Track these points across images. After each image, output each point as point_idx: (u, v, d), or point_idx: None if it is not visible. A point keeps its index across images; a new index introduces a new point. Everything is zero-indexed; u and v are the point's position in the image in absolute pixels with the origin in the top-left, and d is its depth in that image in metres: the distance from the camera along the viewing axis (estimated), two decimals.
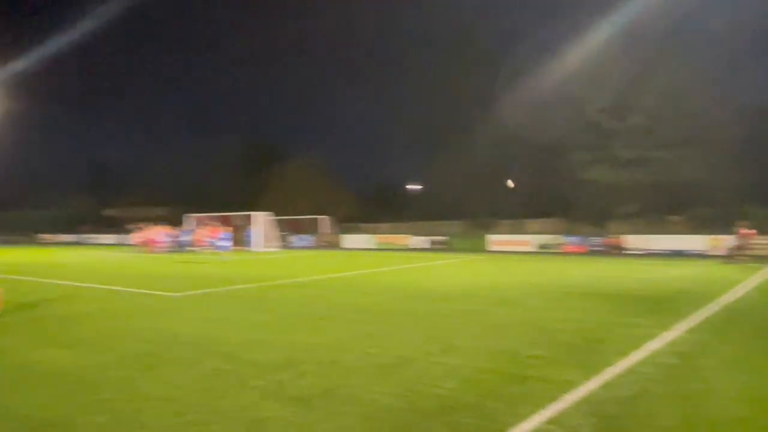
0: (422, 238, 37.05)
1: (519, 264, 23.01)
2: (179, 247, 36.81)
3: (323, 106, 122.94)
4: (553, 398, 5.38)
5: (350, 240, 40.11)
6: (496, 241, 33.91)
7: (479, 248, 33.06)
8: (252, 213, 38.97)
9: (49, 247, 51.99)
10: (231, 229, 29.85)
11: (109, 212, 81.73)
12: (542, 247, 32.06)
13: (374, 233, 43.62)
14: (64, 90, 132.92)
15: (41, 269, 22.75)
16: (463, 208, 46.47)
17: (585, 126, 37.93)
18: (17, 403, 5.50)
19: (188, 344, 8.02)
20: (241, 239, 39.30)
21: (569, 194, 39.81)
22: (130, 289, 14.97)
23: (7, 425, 4.89)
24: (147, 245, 34.64)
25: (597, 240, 31.36)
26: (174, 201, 76.76)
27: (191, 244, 35.09)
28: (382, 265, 22.69)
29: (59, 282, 17.31)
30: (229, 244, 25.26)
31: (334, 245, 39.85)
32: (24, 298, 13.67)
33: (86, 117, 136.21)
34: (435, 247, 35.47)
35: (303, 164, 61.67)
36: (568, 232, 35.46)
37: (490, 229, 40.74)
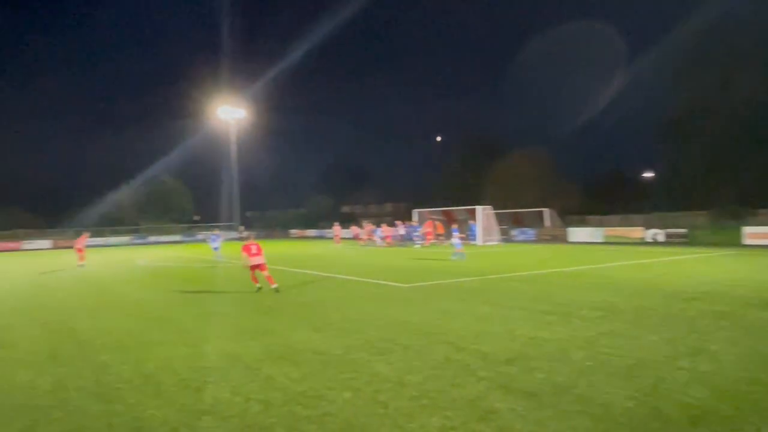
0: (657, 230, 33.66)
1: None
2: (408, 241, 38.84)
3: (545, 97, 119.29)
4: None
5: (575, 233, 38.12)
6: (752, 233, 29.33)
7: (731, 242, 28.92)
8: (472, 207, 39.40)
9: (297, 241, 58.86)
10: (456, 224, 30.48)
11: (345, 209, 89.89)
12: None
13: (602, 226, 40.98)
14: (306, 101, 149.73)
15: (293, 261, 25.93)
16: (708, 196, 41.15)
17: None
18: (279, 375, 6.36)
19: (418, 333, 8.46)
20: (463, 233, 40.04)
21: None
22: (366, 279, 16.26)
23: (271, 393, 5.70)
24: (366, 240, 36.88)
25: None
26: (402, 197, 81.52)
27: (420, 238, 36.75)
28: (612, 260, 21.23)
29: (308, 272, 19.55)
30: (459, 240, 24.66)
31: (558, 239, 38.28)
32: (284, 286, 15.75)
33: (325, 123, 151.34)
34: (673, 241, 31.98)
35: (525, 156, 60.56)
36: None
37: (744, 219, 35.42)
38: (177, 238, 64.96)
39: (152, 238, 63.10)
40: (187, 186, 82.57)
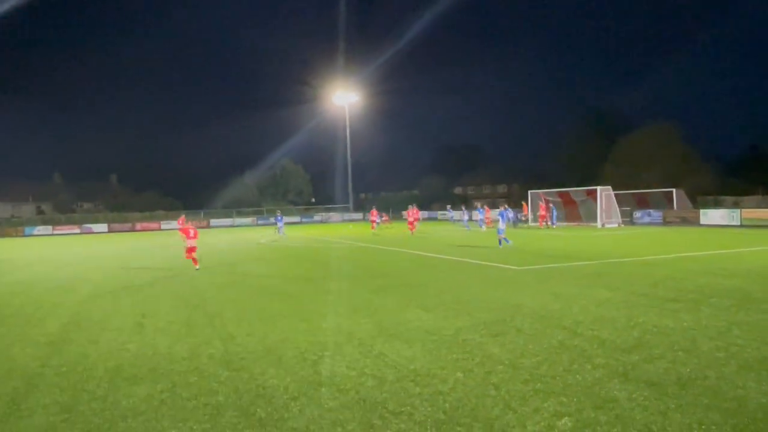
0: None
1: None
2: (517, 222, 37.95)
3: (674, 69, 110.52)
4: None
5: (708, 215, 35.12)
6: None
7: None
8: (591, 188, 37.55)
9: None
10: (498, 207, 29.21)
11: (458, 190, 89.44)
12: None
13: (739, 207, 37.51)
14: (420, 82, 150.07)
15: (401, 241, 26.28)
16: None
17: None
18: (392, 352, 6.53)
19: (532, 316, 8.29)
20: (577, 215, 38.36)
21: None
22: (477, 261, 16.12)
23: (384, 369, 5.85)
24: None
25: None
26: (517, 178, 79.66)
27: (527, 219, 35.84)
28: (749, 245, 19.42)
29: (416, 252, 19.74)
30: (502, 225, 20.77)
31: (688, 221, 35.52)
32: (409, 264, 16.07)
33: (438, 104, 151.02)
34: None
35: (651, 133, 56.61)
36: None
37: None
38: (296, 219, 68.07)
39: (273, 219, 66.56)
40: (305, 169, 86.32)
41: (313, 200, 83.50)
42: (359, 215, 71.25)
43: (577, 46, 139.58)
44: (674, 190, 40.01)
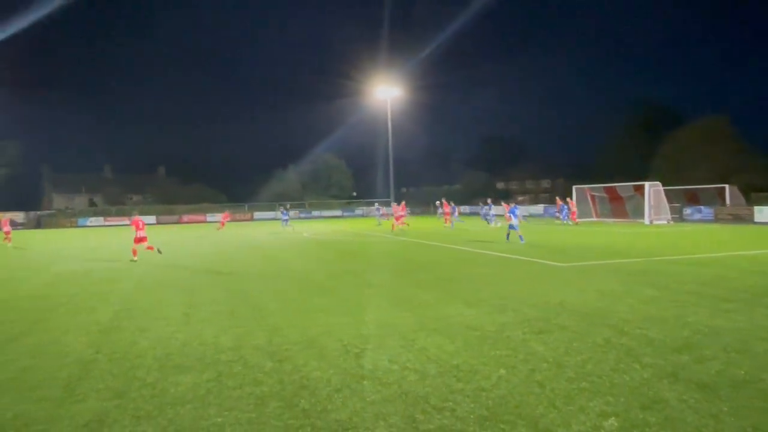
0: None
1: None
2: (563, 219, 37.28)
3: (726, 61, 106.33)
4: None
5: (763, 213, 33.71)
6: None
7: None
8: (638, 183, 36.51)
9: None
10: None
11: (500, 185, 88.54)
12: None
13: None
14: (462, 75, 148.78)
15: (438, 236, 26.17)
16: None
17: None
18: (434, 347, 6.50)
19: (576, 313, 8.13)
20: (624, 211, 37.42)
21: None
22: (521, 257, 15.92)
23: (427, 364, 5.83)
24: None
25: None
26: (561, 173, 78.23)
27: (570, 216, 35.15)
28: None
29: (454, 246, 19.62)
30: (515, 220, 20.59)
31: (741, 219, 34.17)
32: (448, 258, 16.02)
33: (476, 97, 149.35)
34: None
35: (702, 127, 54.64)
36: None
37: None
38: (338, 212, 68.65)
39: (315, 213, 67.32)
40: (347, 164, 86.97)
41: (355, 194, 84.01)
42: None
43: (625, 37, 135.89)
44: (726, 186, 38.56)
